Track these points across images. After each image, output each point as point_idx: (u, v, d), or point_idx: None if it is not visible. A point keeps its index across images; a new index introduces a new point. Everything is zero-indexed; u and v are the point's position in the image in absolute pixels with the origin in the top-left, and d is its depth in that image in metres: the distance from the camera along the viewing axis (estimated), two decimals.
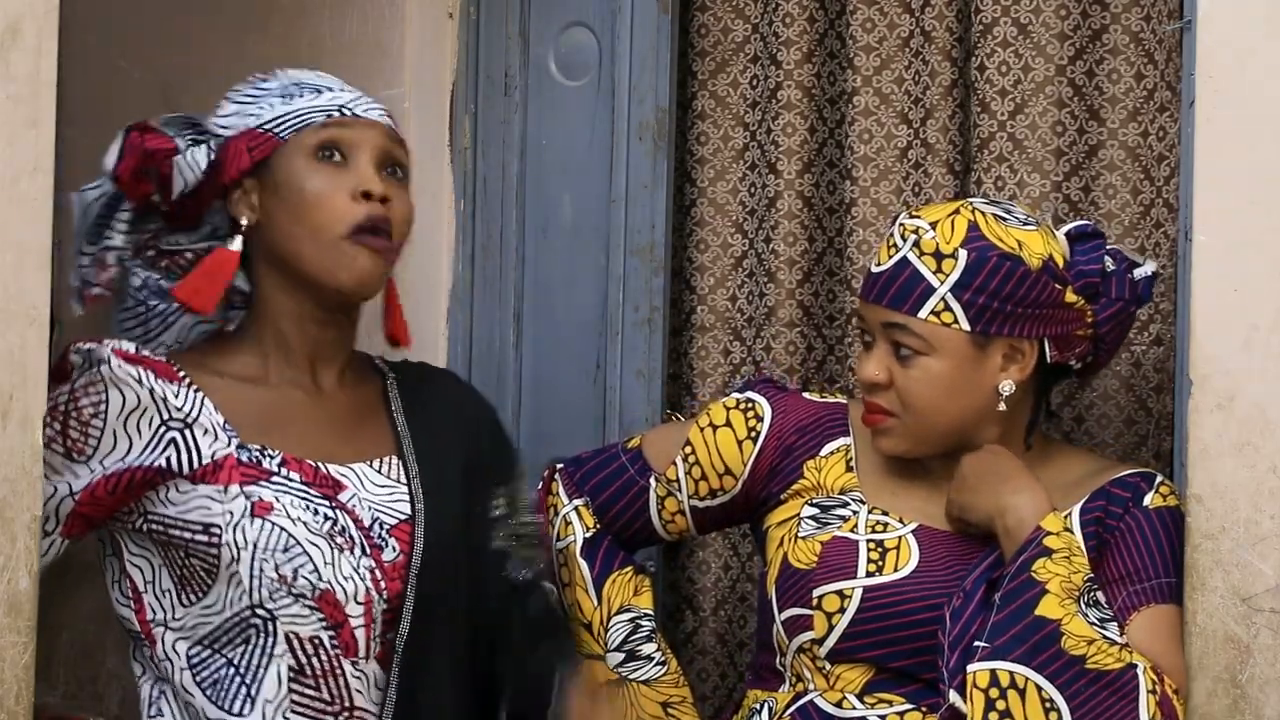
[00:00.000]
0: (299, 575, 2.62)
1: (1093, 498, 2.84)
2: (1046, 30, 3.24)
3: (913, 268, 2.80)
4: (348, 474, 2.71)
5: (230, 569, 2.61)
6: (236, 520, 2.61)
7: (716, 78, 3.42)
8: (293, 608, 2.63)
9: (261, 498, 2.63)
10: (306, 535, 2.63)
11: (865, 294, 2.86)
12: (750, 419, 2.96)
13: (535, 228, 3.42)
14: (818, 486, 2.92)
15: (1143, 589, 2.76)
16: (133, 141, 2.67)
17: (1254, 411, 2.67)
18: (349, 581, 2.64)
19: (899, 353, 2.82)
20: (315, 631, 2.64)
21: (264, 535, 2.61)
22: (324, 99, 2.70)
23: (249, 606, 2.63)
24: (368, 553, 2.67)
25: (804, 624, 2.82)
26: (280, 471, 2.66)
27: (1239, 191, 2.69)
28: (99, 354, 2.62)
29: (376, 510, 2.70)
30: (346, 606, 2.64)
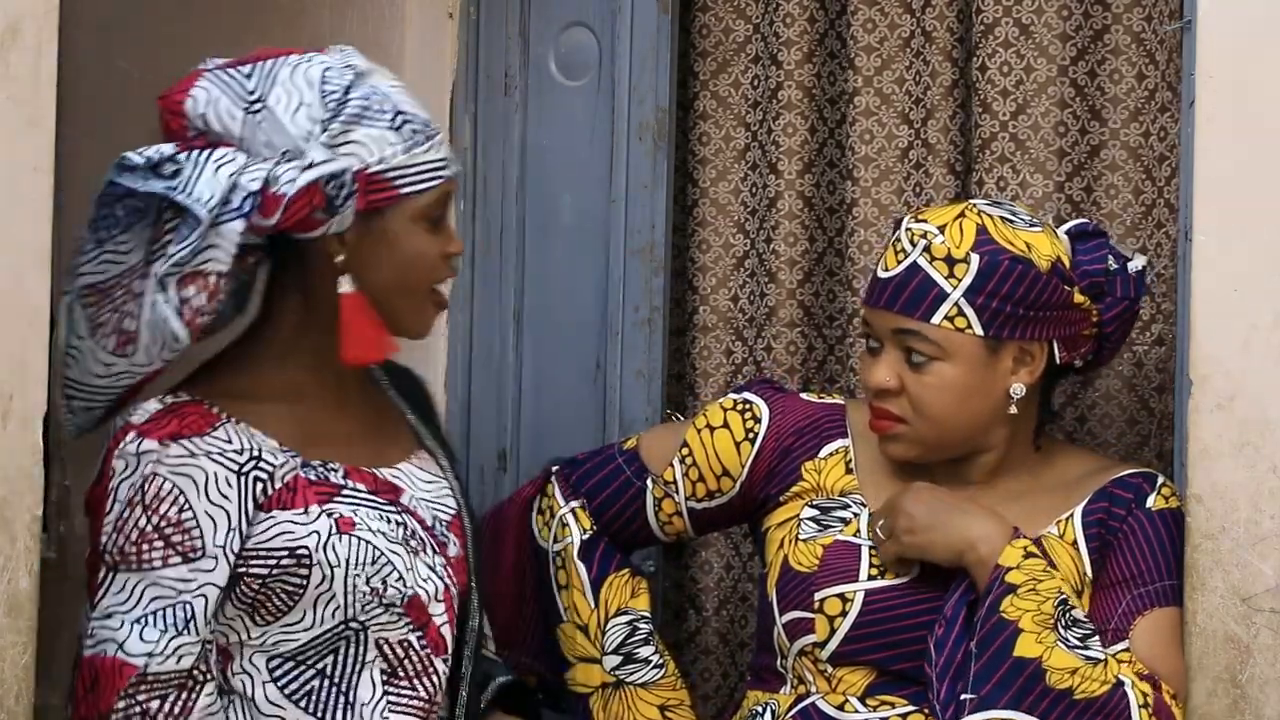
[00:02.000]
0: (388, 585, 2.62)
1: (1095, 499, 2.84)
2: (1049, 31, 3.24)
3: (924, 273, 2.79)
4: (400, 475, 2.72)
5: (321, 588, 2.60)
6: (325, 540, 2.60)
7: (718, 78, 3.41)
8: (383, 616, 2.64)
9: (343, 514, 2.62)
10: (387, 545, 2.63)
11: (873, 300, 2.84)
12: (748, 420, 2.96)
13: (535, 228, 3.42)
14: (817, 488, 2.91)
15: (1146, 592, 2.77)
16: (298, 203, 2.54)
17: (1254, 411, 2.67)
18: (428, 582, 2.67)
19: (910, 358, 2.80)
20: (404, 635, 2.66)
21: (353, 551, 2.61)
22: (435, 153, 2.63)
23: (342, 622, 2.62)
24: (437, 551, 2.70)
25: (805, 627, 2.82)
26: (348, 484, 2.65)
27: (1239, 191, 2.69)
28: (145, 458, 2.55)
29: (433, 508, 2.73)
30: (430, 606, 2.67)
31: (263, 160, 2.56)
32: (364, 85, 2.61)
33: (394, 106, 2.61)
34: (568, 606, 2.98)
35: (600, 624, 2.97)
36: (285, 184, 2.53)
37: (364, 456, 2.70)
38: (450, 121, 3.44)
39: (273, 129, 2.58)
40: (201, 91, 2.62)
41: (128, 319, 2.57)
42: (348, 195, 2.56)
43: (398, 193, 2.60)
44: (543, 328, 3.40)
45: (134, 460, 2.54)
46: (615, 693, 2.96)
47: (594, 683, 2.97)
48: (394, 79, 2.66)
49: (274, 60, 2.63)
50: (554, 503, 3.02)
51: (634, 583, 3.00)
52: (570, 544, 2.99)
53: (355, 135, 2.58)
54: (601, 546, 3.00)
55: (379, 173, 2.59)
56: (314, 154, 2.55)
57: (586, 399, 3.36)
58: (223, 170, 2.53)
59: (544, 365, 3.41)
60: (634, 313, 3.33)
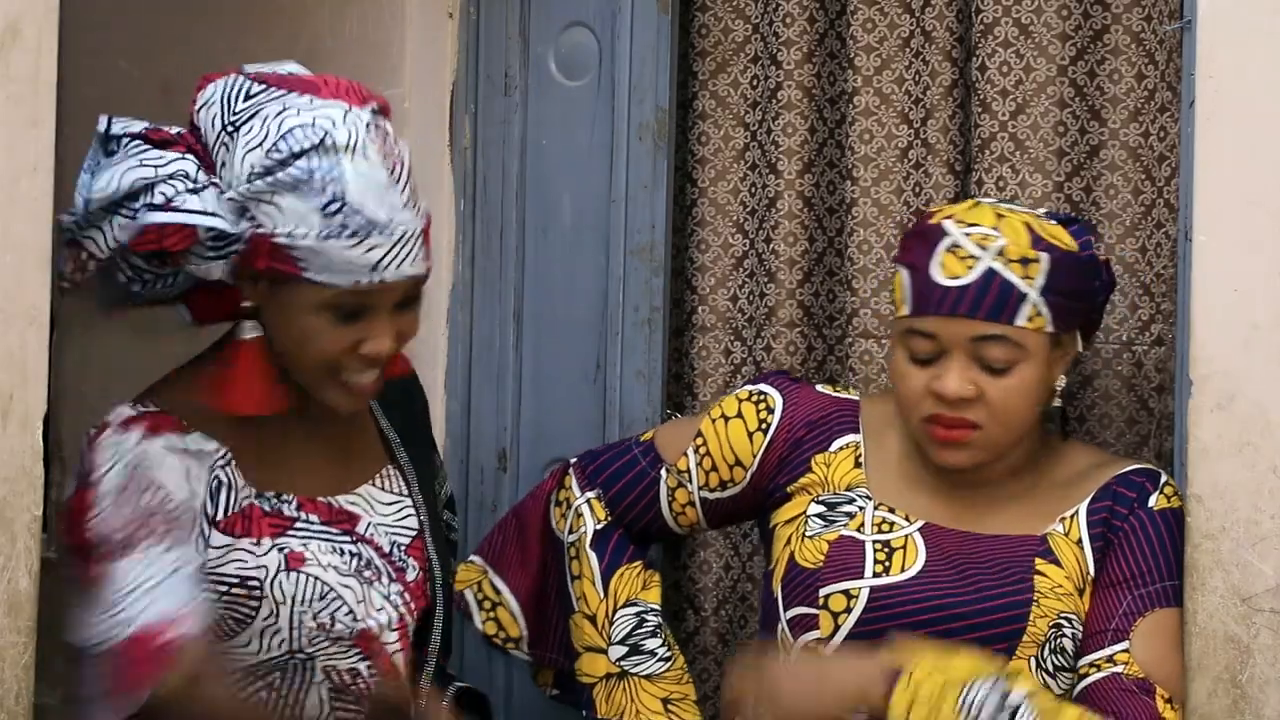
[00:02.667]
0: (336, 620, 2.62)
1: (1098, 496, 2.84)
2: (1048, 30, 3.24)
3: (1001, 277, 2.76)
4: (357, 501, 2.71)
5: (267, 621, 2.61)
6: (273, 575, 2.60)
7: (717, 78, 3.41)
8: (331, 648, 2.64)
9: (293, 549, 2.62)
10: (338, 579, 2.63)
11: (946, 308, 2.77)
12: (761, 410, 2.97)
13: (535, 228, 3.42)
14: (824, 482, 2.91)
15: (1147, 593, 2.77)
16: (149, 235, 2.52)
17: (1254, 411, 2.67)
18: (381, 613, 2.66)
19: (987, 364, 2.78)
20: (353, 664, 2.65)
21: (300, 587, 2.61)
22: (363, 253, 2.52)
23: (288, 652, 2.62)
24: (394, 578, 2.68)
25: (810, 623, 2.82)
26: (300, 516, 2.64)
27: (1239, 191, 2.68)
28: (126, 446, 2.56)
29: (392, 534, 2.71)
30: (382, 636, 2.66)
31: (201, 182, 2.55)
32: (321, 159, 2.52)
33: (340, 194, 2.51)
34: (579, 596, 2.99)
35: (608, 614, 2.97)
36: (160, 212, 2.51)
37: (321, 483, 2.68)
38: (450, 121, 3.45)
39: (227, 157, 2.55)
40: (212, 89, 2.60)
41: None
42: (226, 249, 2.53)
43: (299, 274, 2.53)
44: (543, 328, 3.40)
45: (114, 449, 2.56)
46: (619, 683, 2.97)
47: (598, 672, 2.98)
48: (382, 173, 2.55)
49: (283, 91, 2.58)
50: (570, 494, 3.03)
51: (646, 575, 3.01)
52: (584, 534, 3.00)
53: (276, 200, 2.52)
54: (615, 537, 3.01)
55: (284, 246, 2.52)
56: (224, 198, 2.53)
57: (586, 399, 3.37)
58: (131, 173, 2.52)
59: (544, 365, 3.41)
60: (634, 313, 3.33)
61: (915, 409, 2.82)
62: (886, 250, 3.32)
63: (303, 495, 2.66)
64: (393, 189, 2.54)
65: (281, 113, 2.54)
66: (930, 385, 2.78)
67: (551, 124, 3.41)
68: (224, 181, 2.55)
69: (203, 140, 2.58)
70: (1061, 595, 2.79)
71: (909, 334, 2.81)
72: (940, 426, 2.79)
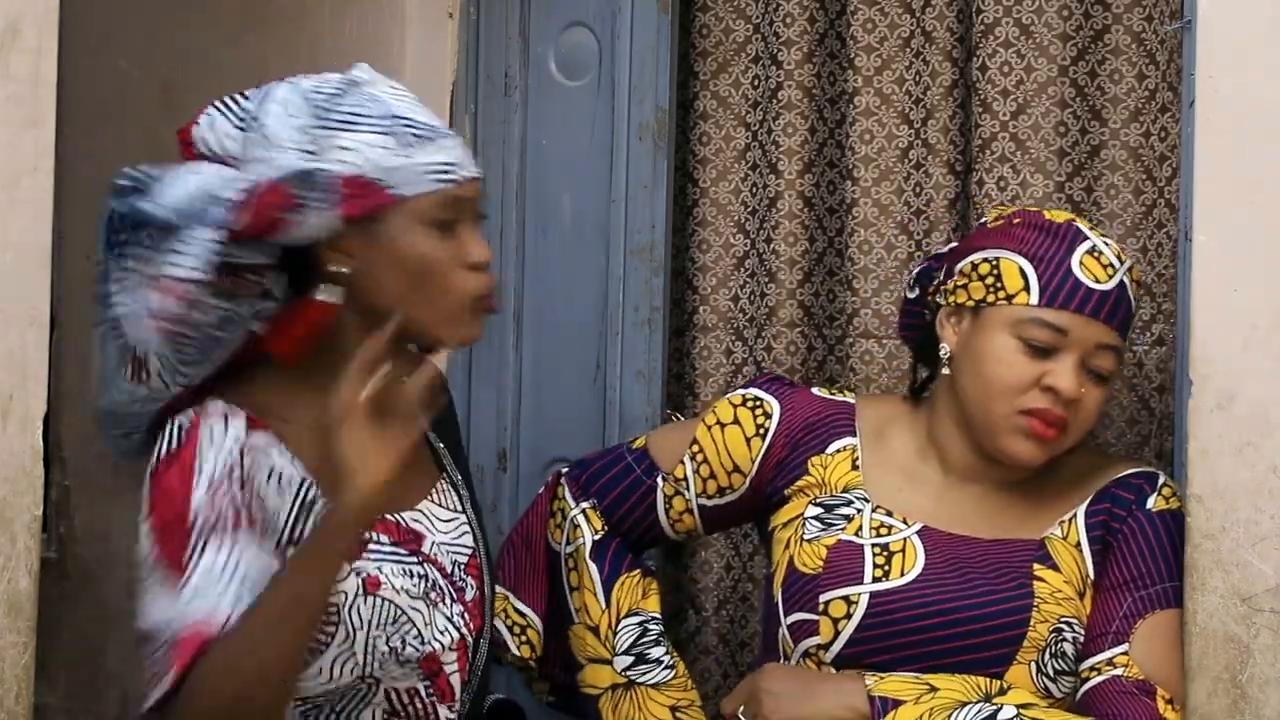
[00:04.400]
0: (407, 644, 2.59)
1: (1097, 499, 2.84)
2: (1049, 31, 3.24)
3: (1128, 295, 2.82)
4: (420, 519, 2.66)
5: (342, 646, 2.56)
6: (351, 600, 2.55)
7: (718, 78, 3.42)
8: (396, 672, 2.61)
9: (368, 573, 2.57)
10: (409, 603, 2.60)
11: (1089, 309, 2.78)
12: (759, 416, 2.96)
13: (535, 228, 3.42)
14: (822, 484, 2.91)
15: (1146, 595, 2.77)
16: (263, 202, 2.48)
17: (1254, 411, 2.67)
18: (445, 634, 2.63)
19: (1095, 371, 2.80)
20: (412, 684, 2.63)
21: (376, 612, 2.57)
22: (439, 155, 2.55)
23: (359, 678, 2.59)
24: (456, 599, 2.66)
25: (810, 629, 2.82)
26: (373, 536, 2.59)
27: (1239, 191, 2.68)
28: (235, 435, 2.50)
29: (453, 552, 2.68)
30: (442, 656, 2.64)
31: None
32: (357, 93, 2.55)
33: (388, 111, 2.54)
34: (579, 607, 2.98)
35: (611, 625, 2.97)
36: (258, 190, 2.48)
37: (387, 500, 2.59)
38: (450, 121, 3.45)
39: (264, 143, 2.53)
40: (205, 118, 2.59)
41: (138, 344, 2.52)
42: (319, 196, 2.49)
43: (392, 199, 2.53)
44: (543, 328, 3.41)
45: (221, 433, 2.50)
46: (625, 693, 2.96)
47: (604, 684, 2.97)
48: (400, 89, 2.60)
49: (279, 82, 2.59)
50: (565, 505, 3.02)
51: (645, 583, 3.00)
52: (582, 545, 2.99)
53: (342, 141, 2.52)
54: (613, 547, 3.00)
55: (367, 177, 2.52)
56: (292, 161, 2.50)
57: (586, 399, 3.37)
58: (194, 179, 2.49)
59: (544, 365, 3.41)
60: (634, 313, 3.33)
61: (1012, 398, 2.79)
62: (887, 250, 3.32)
63: None
64: (418, 100, 2.59)
65: (292, 88, 2.56)
66: (1042, 379, 2.78)
67: (551, 124, 3.41)
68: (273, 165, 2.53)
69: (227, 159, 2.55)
70: (1061, 600, 2.79)
71: (1029, 323, 2.79)
72: (1041, 421, 2.79)
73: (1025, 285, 2.79)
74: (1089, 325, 2.79)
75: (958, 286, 2.85)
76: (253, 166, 2.53)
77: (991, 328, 2.81)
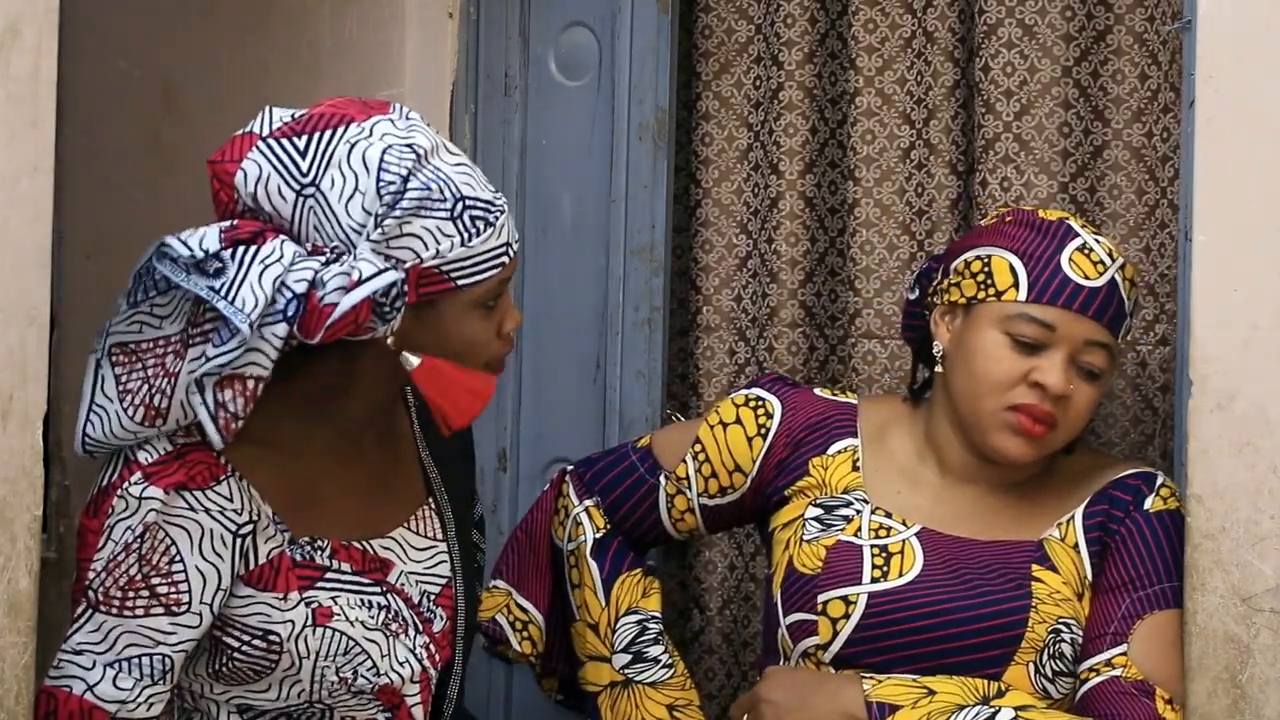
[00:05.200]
0: (359, 675, 2.59)
1: (1094, 501, 2.84)
2: (1052, 31, 3.24)
3: (1120, 293, 2.82)
4: (391, 547, 2.66)
5: (289, 672, 2.57)
6: (298, 630, 2.56)
7: (720, 78, 3.41)
8: (351, 701, 2.61)
9: (320, 603, 2.57)
10: (364, 634, 2.59)
11: (1077, 305, 2.79)
12: (760, 416, 2.96)
13: (535, 228, 3.42)
14: (822, 485, 2.91)
15: (1145, 596, 2.77)
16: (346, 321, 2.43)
17: (1254, 411, 2.67)
18: (405, 666, 2.63)
19: (1085, 368, 2.80)
20: (372, 715, 2.63)
21: (325, 643, 2.57)
22: (496, 238, 2.51)
23: (307, 702, 2.60)
24: (420, 630, 2.65)
25: (809, 629, 2.82)
26: (332, 565, 2.59)
27: (1239, 191, 2.68)
28: (146, 504, 2.49)
29: (423, 583, 2.67)
30: (403, 689, 2.63)
31: (311, 251, 2.46)
32: (424, 171, 2.46)
33: (455, 194, 2.47)
34: (579, 605, 2.98)
35: (610, 622, 2.97)
36: (332, 293, 2.43)
37: (357, 525, 2.63)
38: (450, 121, 3.45)
39: (324, 216, 2.47)
40: (253, 166, 2.49)
41: (159, 395, 2.49)
42: (397, 299, 2.46)
43: (452, 285, 2.49)
44: (543, 328, 3.40)
45: (135, 504, 2.49)
46: (623, 691, 2.97)
47: (603, 681, 2.97)
48: (458, 155, 2.53)
49: (332, 132, 2.49)
50: (568, 502, 3.02)
51: (645, 582, 3.00)
52: (584, 542, 2.99)
53: (412, 228, 2.45)
54: (614, 545, 3.00)
55: (433, 267, 2.47)
56: (364, 255, 2.44)
57: (586, 399, 3.37)
58: (267, 275, 2.42)
59: (544, 365, 3.41)
60: (634, 313, 3.33)
61: (1000, 394, 2.80)
62: (889, 251, 3.32)
63: (337, 540, 2.60)
64: (472, 166, 2.53)
65: (352, 151, 2.47)
66: (1030, 375, 2.79)
67: (551, 124, 3.41)
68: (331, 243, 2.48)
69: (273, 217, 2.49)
70: (1060, 601, 2.79)
71: (1019, 319, 2.80)
72: (1028, 417, 2.79)
73: (1015, 282, 2.79)
74: (1077, 321, 2.79)
75: (951, 285, 2.85)
76: (311, 235, 2.47)
77: (981, 324, 2.82)
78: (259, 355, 2.44)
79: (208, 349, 2.45)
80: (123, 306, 2.52)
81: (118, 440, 2.52)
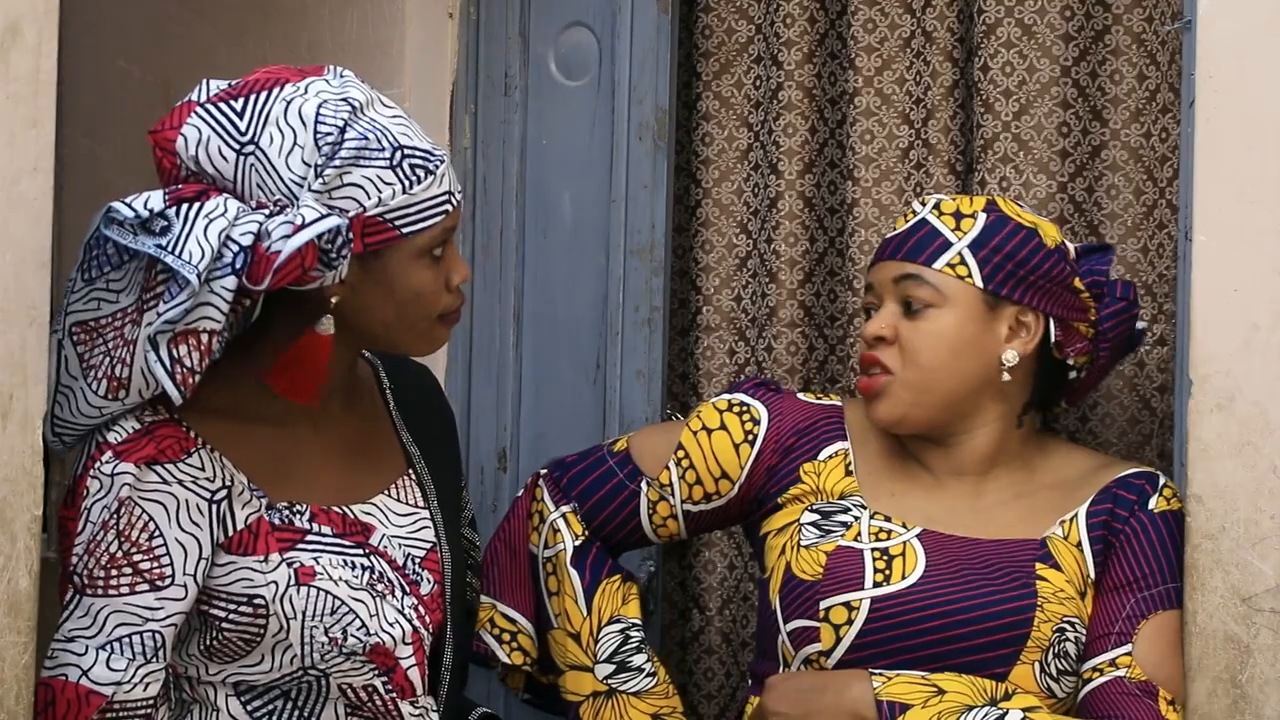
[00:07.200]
0: (349, 635, 2.60)
1: (1098, 499, 2.84)
2: (1051, 31, 3.24)
3: (931, 226, 2.85)
4: (372, 512, 2.68)
5: (278, 637, 2.58)
6: (282, 591, 2.57)
7: (720, 78, 3.41)
8: (344, 664, 2.62)
9: (302, 563, 2.59)
10: (349, 593, 2.61)
11: (878, 256, 2.90)
12: (746, 422, 2.95)
13: (535, 228, 3.42)
14: (816, 491, 2.90)
15: (1149, 596, 2.76)
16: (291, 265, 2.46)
17: (1254, 411, 2.67)
18: (395, 626, 2.64)
19: (909, 309, 2.83)
20: (369, 680, 2.64)
21: (311, 602, 2.58)
22: (437, 187, 2.54)
23: (300, 669, 2.61)
24: (408, 591, 2.67)
25: (811, 636, 2.81)
26: (312, 528, 2.62)
27: (1239, 191, 2.68)
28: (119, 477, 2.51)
29: (406, 545, 2.69)
30: (396, 650, 2.64)
31: (255, 208, 2.50)
32: (361, 122, 2.52)
33: (393, 143, 2.52)
34: (558, 613, 2.96)
35: (593, 632, 2.95)
36: (277, 241, 2.46)
37: (336, 492, 2.66)
38: (450, 121, 3.44)
39: (266, 173, 2.51)
40: (193, 130, 2.53)
41: (120, 365, 2.51)
42: (343, 246, 2.49)
43: (397, 233, 2.53)
44: (543, 328, 3.40)
45: (109, 482, 2.51)
46: (607, 701, 2.95)
47: (585, 691, 2.95)
48: (393, 107, 2.58)
49: (268, 93, 2.53)
50: (544, 507, 2.99)
51: (625, 589, 2.98)
52: (562, 550, 2.97)
53: (352, 178, 2.50)
54: (593, 553, 2.97)
55: (376, 215, 2.52)
56: (306, 204, 2.48)
57: (586, 399, 3.36)
58: (212, 228, 2.45)
59: (544, 365, 3.40)
60: (634, 313, 3.33)
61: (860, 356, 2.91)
62: None
63: (316, 505, 2.63)
64: (409, 119, 2.58)
65: (288, 109, 2.51)
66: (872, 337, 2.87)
67: (551, 124, 3.41)
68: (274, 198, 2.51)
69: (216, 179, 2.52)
70: (1064, 599, 2.79)
71: (865, 291, 2.94)
72: (862, 373, 2.87)
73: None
74: (882, 268, 2.89)
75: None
76: (255, 193, 2.51)
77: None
78: (210, 310, 2.46)
79: (159, 307, 2.47)
80: (78, 283, 2.53)
81: (84, 419, 2.54)
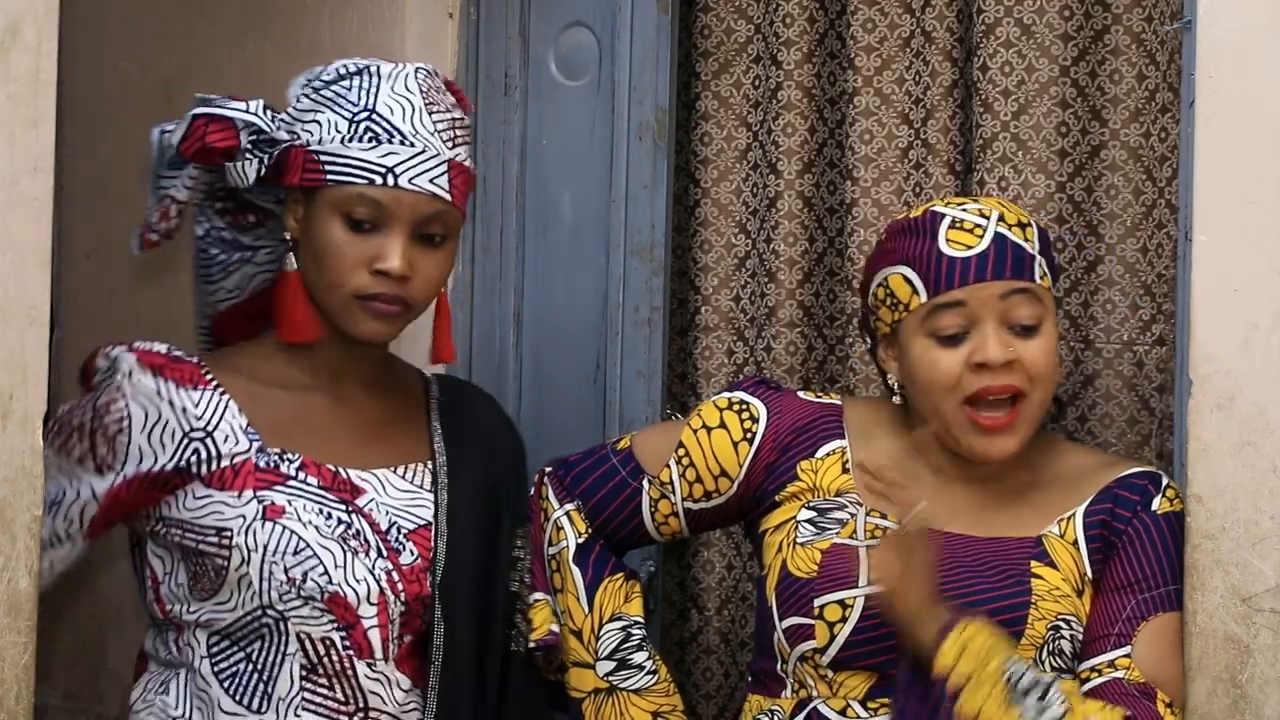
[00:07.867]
0: (308, 578, 2.66)
1: (1098, 499, 2.84)
2: (1050, 31, 3.24)
3: (1011, 240, 2.80)
4: (368, 479, 2.75)
5: (240, 571, 2.66)
6: (248, 524, 2.66)
7: (720, 78, 3.42)
8: (303, 609, 2.67)
9: (274, 501, 2.67)
10: (317, 539, 2.67)
11: (971, 276, 2.79)
12: (745, 420, 2.95)
13: (535, 228, 3.42)
14: (814, 488, 2.90)
15: (1151, 597, 2.76)
16: (196, 129, 2.70)
17: (1254, 411, 2.67)
18: (361, 584, 2.68)
19: (1017, 327, 2.80)
20: (327, 632, 2.68)
21: (274, 538, 2.66)
22: (378, 153, 2.68)
23: (259, 607, 2.67)
24: (384, 555, 2.71)
25: (805, 633, 2.81)
26: (298, 476, 2.70)
27: (1239, 191, 2.68)
28: (123, 364, 2.67)
29: (395, 514, 2.74)
30: (359, 608, 2.68)
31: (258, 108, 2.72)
32: (364, 81, 2.70)
33: (369, 106, 2.68)
34: (562, 610, 2.96)
35: (594, 629, 2.95)
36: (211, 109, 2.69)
37: (335, 453, 2.75)
38: None
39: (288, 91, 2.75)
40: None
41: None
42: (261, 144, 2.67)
43: (324, 177, 2.67)
44: (543, 328, 3.41)
45: (113, 365, 2.67)
46: (608, 698, 2.95)
47: (586, 687, 2.96)
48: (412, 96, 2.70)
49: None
50: (549, 505, 3.00)
51: (627, 587, 2.98)
52: (565, 548, 2.97)
53: (319, 115, 2.69)
54: (596, 550, 2.98)
55: (315, 153, 2.68)
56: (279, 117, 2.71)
57: (586, 399, 3.37)
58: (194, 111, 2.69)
59: (544, 365, 3.41)
60: (634, 313, 3.33)
61: (953, 391, 2.80)
62: None
63: (310, 457, 2.72)
64: (426, 116, 2.70)
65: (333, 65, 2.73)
66: (970, 359, 2.78)
67: (551, 124, 3.41)
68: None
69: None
70: (1059, 597, 2.79)
71: (932, 316, 2.80)
72: (986, 410, 2.79)
73: (914, 289, 2.81)
74: (980, 288, 2.79)
75: (875, 321, 2.88)
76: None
77: (910, 340, 2.83)
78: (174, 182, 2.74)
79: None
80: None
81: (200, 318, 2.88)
